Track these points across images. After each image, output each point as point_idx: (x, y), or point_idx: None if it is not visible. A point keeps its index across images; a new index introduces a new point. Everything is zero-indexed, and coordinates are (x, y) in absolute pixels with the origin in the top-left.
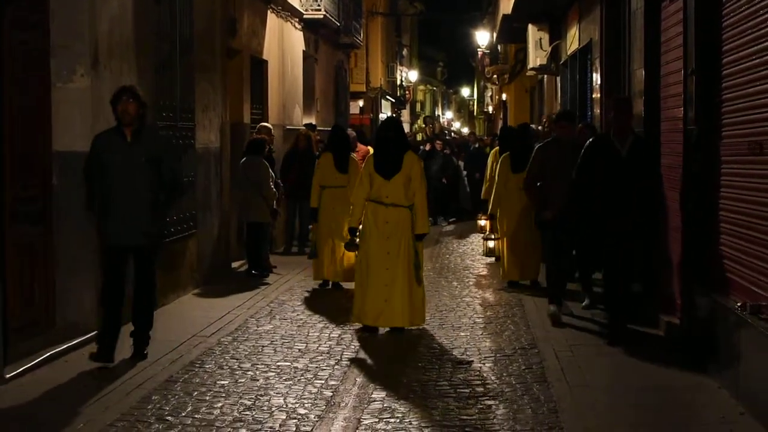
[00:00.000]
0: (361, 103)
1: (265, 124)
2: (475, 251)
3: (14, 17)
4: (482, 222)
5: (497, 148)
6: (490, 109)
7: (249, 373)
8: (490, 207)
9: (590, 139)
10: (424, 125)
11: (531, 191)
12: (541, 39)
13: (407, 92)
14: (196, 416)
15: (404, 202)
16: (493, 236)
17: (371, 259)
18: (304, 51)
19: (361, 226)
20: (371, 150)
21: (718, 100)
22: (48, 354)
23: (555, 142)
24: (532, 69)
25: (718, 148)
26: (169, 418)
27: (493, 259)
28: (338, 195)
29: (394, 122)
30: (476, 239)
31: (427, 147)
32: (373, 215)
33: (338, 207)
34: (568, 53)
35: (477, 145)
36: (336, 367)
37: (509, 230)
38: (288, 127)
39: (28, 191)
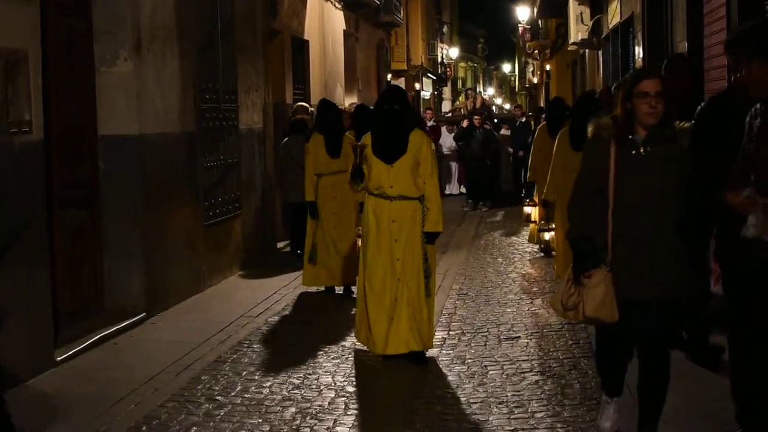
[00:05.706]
0: (398, 80)
1: (302, 103)
2: (519, 230)
3: (57, 3)
4: (528, 209)
5: (543, 123)
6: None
7: (297, 352)
8: (544, 192)
9: (702, 104)
10: (465, 99)
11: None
12: (582, 13)
13: (448, 69)
14: (245, 395)
15: (413, 192)
16: (548, 227)
17: (378, 269)
18: (344, 30)
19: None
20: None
21: None
22: (97, 337)
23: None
24: (574, 44)
25: None
26: (218, 397)
27: (543, 254)
28: (337, 183)
29: (398, 92)
30: (521, 222)
31: (464, 123)
32: (374, 214)
33: (339, 196)
34: (610, 27)
35: (524, 119)
36: None
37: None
38: None
39: (75, 176)
